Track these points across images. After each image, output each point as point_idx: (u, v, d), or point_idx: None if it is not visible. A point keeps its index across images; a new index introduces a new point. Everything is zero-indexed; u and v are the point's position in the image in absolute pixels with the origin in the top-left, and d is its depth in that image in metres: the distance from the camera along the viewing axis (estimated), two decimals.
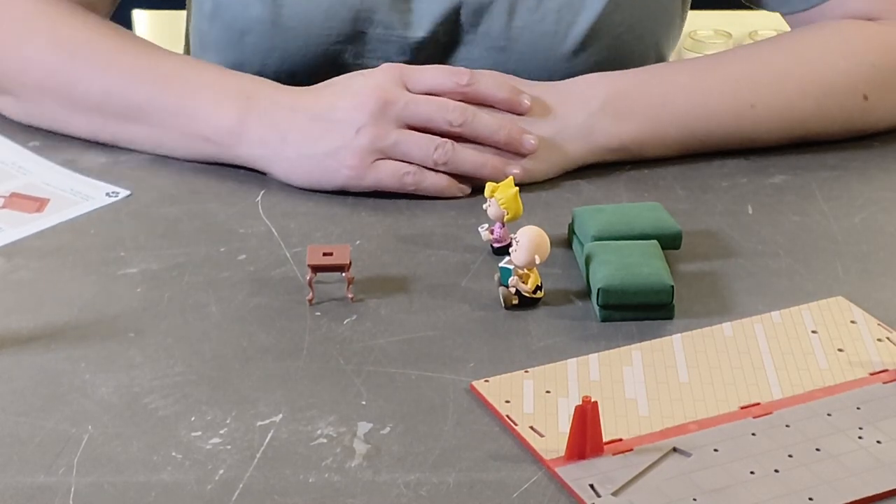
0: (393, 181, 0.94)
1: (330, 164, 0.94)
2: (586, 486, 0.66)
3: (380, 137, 0.93)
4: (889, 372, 0.75)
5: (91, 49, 1.01)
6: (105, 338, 0.78)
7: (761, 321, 0.80)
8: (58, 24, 1.02)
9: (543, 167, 0.97)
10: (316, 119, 0.94)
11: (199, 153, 0.99)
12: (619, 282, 0.80)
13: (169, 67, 1.00)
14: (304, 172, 0.95)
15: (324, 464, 0.68)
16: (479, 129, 0.95)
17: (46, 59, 1.01)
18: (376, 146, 0.93)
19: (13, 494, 0.65)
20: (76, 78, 1.00)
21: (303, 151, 0.94)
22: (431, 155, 0.93)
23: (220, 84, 0.98)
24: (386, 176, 0.93)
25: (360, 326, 0.80)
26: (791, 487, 0.66)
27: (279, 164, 0.96)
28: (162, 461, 0.68)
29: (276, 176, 0.96)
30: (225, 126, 0.96)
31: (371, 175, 0.93)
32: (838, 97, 1.02)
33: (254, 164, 0.97)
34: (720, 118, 1.00)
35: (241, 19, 1.06)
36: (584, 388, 0.74)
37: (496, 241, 0.88)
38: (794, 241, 0.90)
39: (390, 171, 0.93)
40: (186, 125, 0.97)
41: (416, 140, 0.93)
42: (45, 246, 0.89)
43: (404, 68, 0.96)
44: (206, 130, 0.97)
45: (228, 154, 0.97)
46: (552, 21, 1.05)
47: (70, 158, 1.00)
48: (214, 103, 0.97)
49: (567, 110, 0.98)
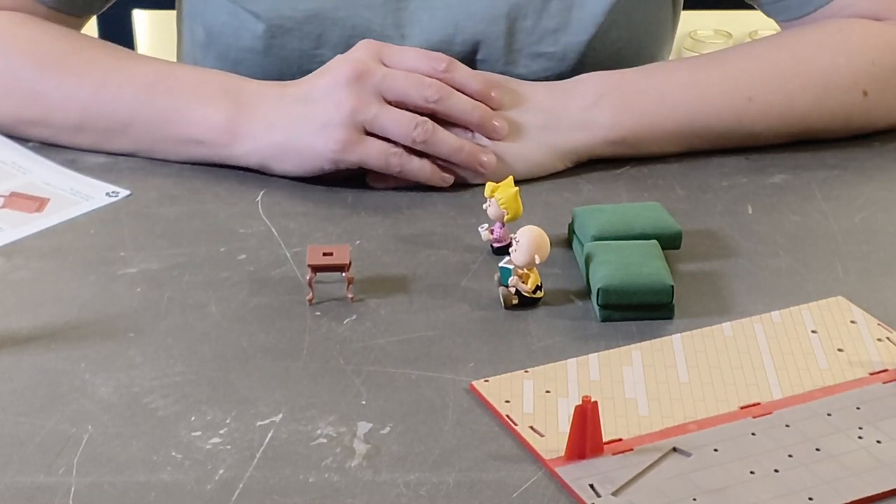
0: (378, 160, 0.93)
1: (316, 143, 0.93)
2: (586, 486, 0.66)
3: (359, 109, 0.92)
4: (889, 372, 0.75)
5: (65, 72, 1.00)
6: (105, 338, 0.78)
7: (761, 321, 0.80)
8: (28, 43, 1.02)
9: (532, 152, 0.97)
10: (299, 102, 0.95)
11: (193, 157, 0.98)
12: (619, 282, 0.80)
13: (148, 77, 0.99)
14: (295, 157, 0.95)
15: (324, 464, 0.68)
16: (455, 107, 0.95)
17: (22, 83, 1.00)
18: (357, 119, 0.92)
19: (13, 494, 0.65)
20: (52, 103, 0.99)
21: (290, 135, 0.94)
22: (411, 132, 0.93)
23: (204, 86, 0.98)
24: (372, 153, 0.93)
25: (360, 326, 0.80)
26: (791, 487, 0.66)
27: (272, 156, 0.95)
28: (162, 461, 0.68)
29: (272, 169, 0.96)
30: (216, 126, 0.96)
31: (357, 150, 0.93)
32: (837, 93, 1.02)
33: (248, 161, 0.97)
34: (719, 112, 1.00)
35: (235, 49, 1.07)
36: (584, 388, 0.74)
37: (496, 241, 0.88)
38: (794, 241, 0.90)
39: (376, 150, 0.93)
40: (177, 132, 0.97)
41: (397, 115, 0.93)
42: (45, 246, 0.89)
43: (384, 45, 0.96)
44: (198, 133, 0.97)
45: (223, 154, 0.97)
46: (550, 42, 1.05)
47: (70, 158, 1.00)
48: (202, 106, 0.96)
49: (561, 102, 0.98)
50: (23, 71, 1.00)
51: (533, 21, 1.05)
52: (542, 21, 1.05)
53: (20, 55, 1.01)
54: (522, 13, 1.04)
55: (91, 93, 0.99)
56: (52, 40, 1.02)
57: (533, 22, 1.05)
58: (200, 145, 0.97)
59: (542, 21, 1.05)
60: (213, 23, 1.08)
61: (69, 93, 0.99)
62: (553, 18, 1.05)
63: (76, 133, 1.00)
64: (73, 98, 0.99)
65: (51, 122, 1.00)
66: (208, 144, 0.97)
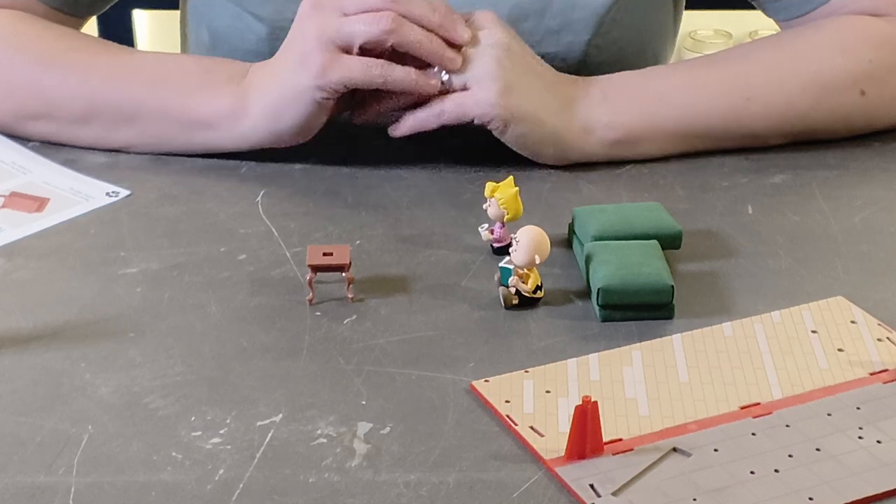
0: (361, 73, 0.92)
1: (298, 78, 0.93)
2: (586, 486, 0.66)
3: (323, 28, 0.92)
4: (889, 372, 0.75)
5: (68, 66, 1.00)
6: (105, 338, 0.78)
7: (761, 321, 0.80)
8: (30, 40, 1.02)
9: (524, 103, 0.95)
10: (278, 56, 0.96)
11: (202, 144, 0.98)
12: (619, 282, 0.80)
13: (156, 67, 1.00)
14: (289, 106, 0.94)
15: (324, 464, 0.68)
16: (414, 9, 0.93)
17: (24, 78, 1.01)
18: (324, 38, 0.92)
19: (13, 494, 0.65)
20: (57, 96, 1.00)
21: (278, 84, 0.95)
22: (379, 24, 0.91)
23: (210, 73, 0.98)
24: (353, 68, 0.92)
25: (360, 326, 0.80)
26: (791, 487, 0.66)
27: (273, 117, 0.95)
28: (162, 461, 0.68)
29: (280, 134, 0.96)
30: (224, 108, 0.97)
31: (337, 70, 0.92)
32: (835, 93, 1.02)
33: (258, 136, 0.97)
34: (717, 112, 1.00)
35: (241, 51, 1.07)
36: (584, 388, 0.74)
37: (496, 241, 0.88)
38: (794, 241, 0.90)
39: (356, 64, 0.92)
40: (185, 117, 0.98)
41: (360, 17, 0.92)
42: (45, 246, 0.89)
43: None
44: (207, 116, 0.97)
45: (234, 134, 0.97)
46: (552, 42, 1.05)
47: (70, 158, 1.00)
48: (209, 91, 0.97)
49: (562, 90, 0.98)
50: (25, 66, 1.01)
51: (534, 22, 1.05)
52: (543, 21, 1.05)
53: (22, 52, 1.01)
54: (524, 14, 1.04)
55: (97, 85, 0.99)
56: (53, 38, 1.02)
57: (534, 23, 1.05)
58: (209, 129, 0.97)
59: (544, 21, 1.05)
60: (218, 26, 1.09)
61: (74, 86, 0.99)
62: (554, 19, 1.05)
63: (81, 126, 1.00)
64: (79, 90, 0.99)
65: (55, 116, 1.00)
66: (216, 127, 0.97)
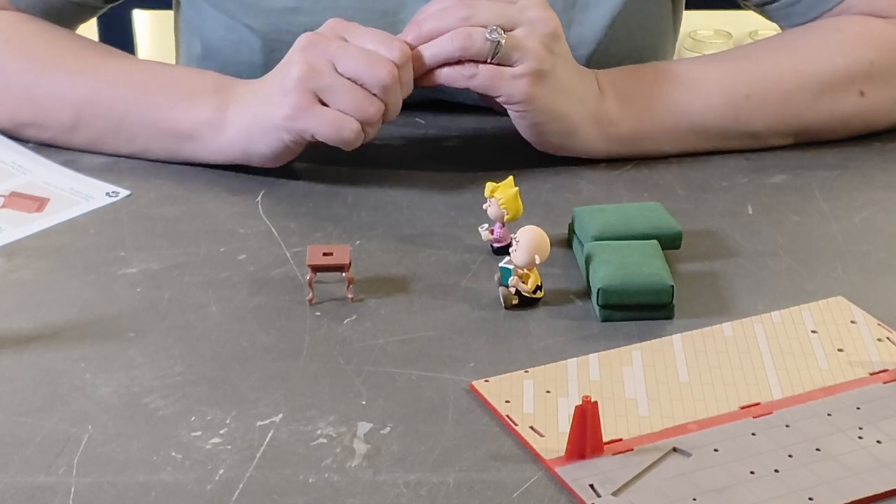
0: (331, 133, 0.91)
1: (272, 112, 0.92)
2: (586, 486, 0.66)
3: (309, 75, 0.90)
4: (889, 372, 0.75)
5: (58, 72, 1.00)
6: (105, 338, 0.78)
7: (761, 321, 0.80)
8: (22, 43, 1.02)
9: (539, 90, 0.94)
10: (265, 79, 0.95)
11: (185, 155, 0.98)
12: (619, 282, 0.80)
13: (142, 76, 0.99)
14: (260, 134, 0.93)
15: (324, 464, 0.68)
16: None
17: (16, 85, 1.00)
18: (307, 85, 0.90)
19: (13, 494, 0.65)
20: (46, 105, 0.99)
21: (255, 112, 0.94)
22: (368, 108, 0.90)
23: (196, 85, 0.98)
24: (323, 125, 0.91)
25: (360, 326, 0.80)
26: (791, 487, 0.66)
27: (247, 138, 0.95)
28: (162, 461, 0.68)
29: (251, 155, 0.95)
30: (204, 120, 0.96)
31: (307, 118, 0.91)
32: (835, 93, 1.02)
33: (233, 151, 0.96)
34: (716, 109, 1.00)
35: (234, 63, 1.06)
36: (584, 388, 0.74)
37: (496, 241, 0.88)
38: (794, 241, 0.90)
39: (328, 121, 0.91)
40: (169, 128, 0.97)
41: (351, 89, 0.90)
42: (45, 246, 0.89)
43: (350, 24, 0.93)
44: (188, 128, 0.96)
45: (211, 146, 0.96)
46: None
47: (70, 158, 1.00)
48: (193, 103, 0.96)
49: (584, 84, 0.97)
50: (17, 73, 1.00)
51: None
52: None
53: (13, 57, 1.01)
54: None
55: (85, 93, 0.99)
56: (45, 42, 1.02)
57: None
58: (190, 140, 0.97)
59: None
60: (211, 37, 1.08)
61: (63, 94, 0.99)
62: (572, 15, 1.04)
63: (71, 134, 1.00)
64: (67, 99, 0.99)
65: (46, 125, 1.00)
66: (197, 139, 0.97)
